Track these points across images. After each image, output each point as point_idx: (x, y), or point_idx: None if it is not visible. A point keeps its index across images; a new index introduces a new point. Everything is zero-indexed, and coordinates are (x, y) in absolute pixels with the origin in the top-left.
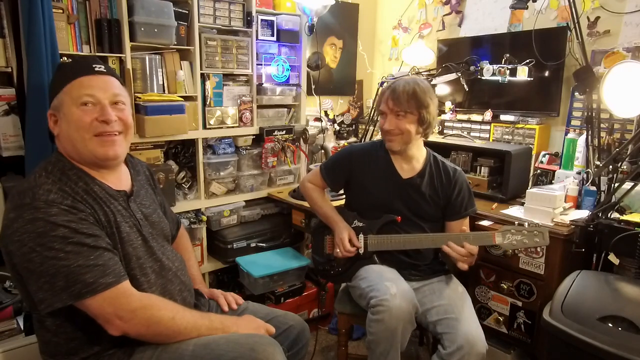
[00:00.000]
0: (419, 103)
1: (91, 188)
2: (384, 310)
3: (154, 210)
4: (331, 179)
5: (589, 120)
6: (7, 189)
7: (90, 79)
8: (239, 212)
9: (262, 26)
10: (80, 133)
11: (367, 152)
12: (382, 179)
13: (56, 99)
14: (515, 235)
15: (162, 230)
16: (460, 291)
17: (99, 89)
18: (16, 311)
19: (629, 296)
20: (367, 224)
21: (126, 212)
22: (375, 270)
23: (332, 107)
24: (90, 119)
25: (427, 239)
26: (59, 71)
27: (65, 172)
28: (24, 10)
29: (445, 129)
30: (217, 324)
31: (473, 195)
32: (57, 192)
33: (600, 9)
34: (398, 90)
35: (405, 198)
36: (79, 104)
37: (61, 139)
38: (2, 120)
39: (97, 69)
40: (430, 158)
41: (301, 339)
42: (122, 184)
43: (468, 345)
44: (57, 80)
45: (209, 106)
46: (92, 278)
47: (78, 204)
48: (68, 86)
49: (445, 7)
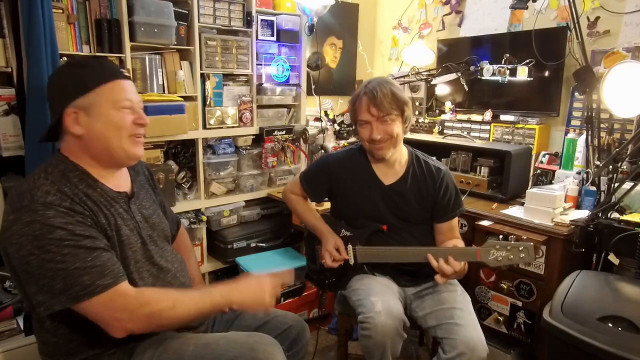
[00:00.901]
0: (400, 102)
1: (92, 191)
2: (370, 327)
3: (154, 211)
4: (312, 191)
5: (589, 120)
6: (7, 189)
7: (125, 84)
8: (239, 212)
9: (262, 26)
10: (119, 132)
11: (345, 161)
12: (365, 187)
13: (84, 98)
14: (499, 251)
15: (163, 231)
16: (460, 293)
17: (133, 94)
18: (16, 311)
19: (629, 296)
20: (354, 233)
21: (127, 214)
22: (365, 282)
23: (332, 107)
24: (130, 121)
25: (412, 253)
26: (81, 70)
27: (66, 173)
28: (24, 10)
29: (445, 129)
30: (218, 299)
31: (460, 194)
32: (56, 193)
33: (600, 9)
34: (377, 95)
35: (390, 204)
36: (119, 107)
37: (86, 137)
38: (2, 120)
39: (126, 74)
40: (413, 159)
41: (301, 339)
42: (122, 186)
43: (469, 350)
44: (81, 79)
45: (209, 106)
46: (90, 280)
47: (76, 206)
48: (102, 88)
49: (445, 7)
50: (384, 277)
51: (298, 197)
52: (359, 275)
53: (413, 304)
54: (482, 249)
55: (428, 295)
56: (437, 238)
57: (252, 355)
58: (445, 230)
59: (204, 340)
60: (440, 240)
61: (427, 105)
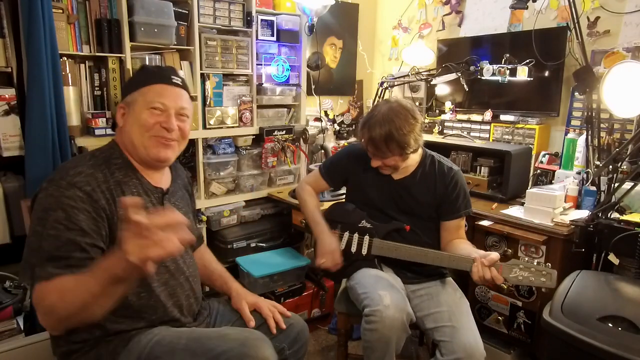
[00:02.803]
0: (398, 145)
1: (128, 180)
2: (377, 320)
3: (185, 212)
4: (331, 177)
5: (589, 120)
6: (7, 189)
7: (165, 88)
8: (239, 212)
9: (262, 26)
10: (141, 130)
11: (364, 153)
12: (376, 180)
13: (130, 96)
14: (522, 271)
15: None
16: (458, 296)
17: (170, 99)
18: (16, 311)
19: (629, 296)
20: (375, 226)
21: (155, 208)
22: (372, 275)
23: (332, 107)
24: (154, 122)
25: (433, 256)
26: (140, 72)
27: (111, 159)
28: (24, 10)
29: (445, 129)
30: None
31: (469, 196)
32: (87, 176)
33: (600, 9)
34: (375, 138)
35: (396, 198)
36: (149, 107)
37: (123, 131)
38: (2, 120)
39: (175, 80)
40: (427, 158)
41: (301, 337)
42: (162, 182)
43: (466, 355)
44: (135, 79)
45: (209, 106)
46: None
47: (96, 193)
48: (144, 89)
49: (445, 7)
50: (389, 271)
51: (312, 191)
52: (365, 269)
53: (412, 303)
54: (506, 265)
55: (427, 296)
56: (442, 235)
57: (242, 351)
58: (452, 229)
59: (197, 334)
60: (446, 238)
61: (427, 105)
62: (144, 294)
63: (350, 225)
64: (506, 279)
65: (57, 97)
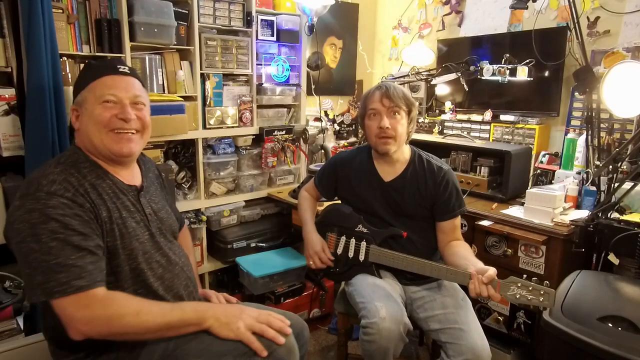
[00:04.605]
0: (409, 101)
1: (100, 182)
2: (374, 332)
3: (162, 206)
4: (322, 188)
5: (589, 120)
6: (7, 189)
7: (114, 79)
8: (239, 212)
9: (262, 26)
10: (98, 127)
11: (351, 159)
12: (366, 183)
13: (80, 96)
14: (520, 289)
15: (170, 227)
16: (461, 297)
17: (121, 89)
18: (16, 311)
19: (629, 296)
20: (371, 232)
21: (134, 207)
22: (369, 283)
23: (332, 107)
24: (109, 115)
25: (430, 267)
26: (85, 70)
27: (78, 164)
28: (24, 10)
29: (445, 129)
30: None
31: (462, 194)
32: (61, 183)
33: (600, 9)
34: (390, 90)
35: (388, 200)
36: (101, 102)
37: (81, 133)
38: (2, 120)
39: (121, 69)
40: (415, 158)
41: (300, 338)
42: (134, 179)
43: (474, 357)
44: (82, 78)
45: (209, 106)
46: (66, 278)
47: (78, 198)
48: (92, 84)
49: (445, 7)
50: (388, 275)
51: (309, 196)
52: (363, 275)
53: (414, 304)
54: (503, 282)
55: (430, 297)
56: (439, 237)
57: None
58: (448, 230)
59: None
60: (443, 239)
61: (427, 105)
62: (140, 290)
63: (346, 229)
64: (504, 296)
65: (57, 97)
